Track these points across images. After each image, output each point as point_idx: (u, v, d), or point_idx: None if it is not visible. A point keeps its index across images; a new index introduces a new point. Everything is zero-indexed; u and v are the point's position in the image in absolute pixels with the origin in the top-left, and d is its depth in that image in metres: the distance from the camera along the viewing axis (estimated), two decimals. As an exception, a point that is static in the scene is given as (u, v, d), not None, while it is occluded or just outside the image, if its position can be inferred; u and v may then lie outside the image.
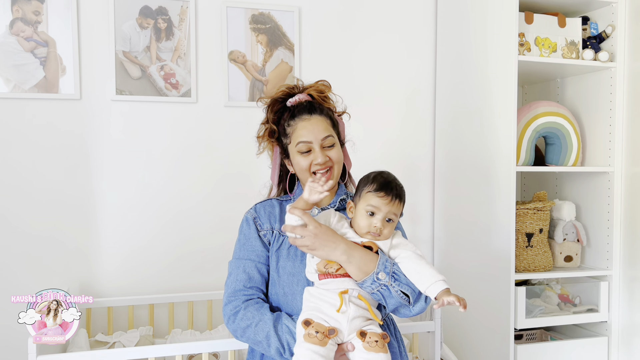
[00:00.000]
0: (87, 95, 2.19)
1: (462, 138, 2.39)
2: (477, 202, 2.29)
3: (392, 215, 1.30)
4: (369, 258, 1.26)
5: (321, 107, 1.42)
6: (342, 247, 1.25)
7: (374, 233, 1.29)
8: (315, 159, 1.37)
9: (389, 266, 1.26)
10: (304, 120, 1.39)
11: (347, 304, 1.23)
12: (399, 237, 1.34)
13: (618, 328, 2.23)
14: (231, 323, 1.33)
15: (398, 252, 1.30)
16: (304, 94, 1.43)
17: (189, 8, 2.26)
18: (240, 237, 1.42)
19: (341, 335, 1.23)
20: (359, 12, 2.50)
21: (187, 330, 2.16)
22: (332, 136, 1.40)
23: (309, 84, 1.47)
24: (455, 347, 2.41)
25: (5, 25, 2.09)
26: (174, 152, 2.29)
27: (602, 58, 2.20)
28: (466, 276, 2.34)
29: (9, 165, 2.12)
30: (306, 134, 1.37)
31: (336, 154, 1.40)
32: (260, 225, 1.41)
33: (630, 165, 2.19)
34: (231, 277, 1.38)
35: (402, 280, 1.26)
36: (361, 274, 1.25)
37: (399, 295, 1.25)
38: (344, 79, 2.48)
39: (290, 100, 1.43)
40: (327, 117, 1.42)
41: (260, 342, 1.29)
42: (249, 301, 1.34)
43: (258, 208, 1.45)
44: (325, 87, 1.48)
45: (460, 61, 2.41)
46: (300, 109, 1.41)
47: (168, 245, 2.29)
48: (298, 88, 1.46)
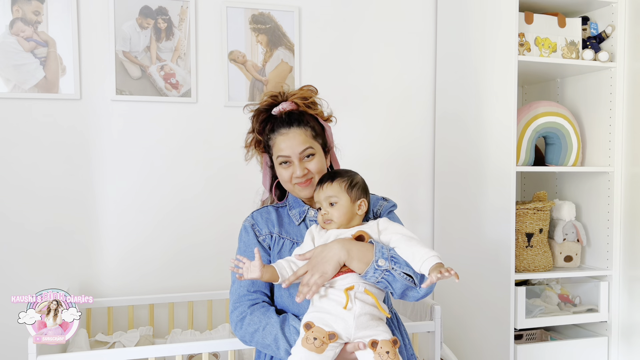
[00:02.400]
0: (87, 95, 2.19)
1: (462, 138, 2.39)
2: (477, 202, 2.29)
3: (330, 199, 1.33)
4: (365, 249, 1.27)
5: (300, 118, 1.40)
6: (338, 247, 1.26)
7: (326, 220, 1.33)
8: (294, 172, 1.38)
9: (386, 252, 1.27)
10: (282, 134, 1.38)
11: (352, 301, 1.24)
12: (384, 222, 1.35)
13: (618, 328, 2.23)
14: (239, 329, 1.35)
15: (389, 236, 1.31)
16: (289, 102, 1.41)
17: (189, 8, 2.26)
18: (241, 245, 1.43)
19: (347, 333, 1.22)
20: (359, 12, 2.50)
21: (187, 330, 2.16)
22: (311, 147, 1.39)
23: (294, 90, 1.45)
24: (455, 347, 2.41)
25: (5, 25, 2.09)
26: (174, 152, 2.29)
27: (602, 58, 2.20)
28: (466, 276, 2.34)
29: (9, 165, 2.12)
30: (284, 148, 1.37)
31: (316, 164, 1.39)
32: (258, 231, 1.42)
33: (630, 165, 2.19)
34: (235, 284, 1.39)
35: (402, 262, 1.27)
36: (362, 265, 1.25)
37: (403, 278, 1.25)
38: (344, 78, 2.49)
39: (274, 110, 1.42)
40: (306, 128, 1.40)
41: (269, 345, 1.31)
42: (255, 305, 1.35)
43: (255, 215, 1.46)
44: (312, 92, 1.45)
45: (460, 61, 2.41)
46: (279, 122, 1.40)
47: (168, 245, 2.29)
48: (282, 96, 1.44)
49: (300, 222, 1.43)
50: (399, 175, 2.58)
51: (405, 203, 2.56)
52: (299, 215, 1.43)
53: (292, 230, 1.43)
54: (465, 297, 2.37)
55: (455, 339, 2.44)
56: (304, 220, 1.43)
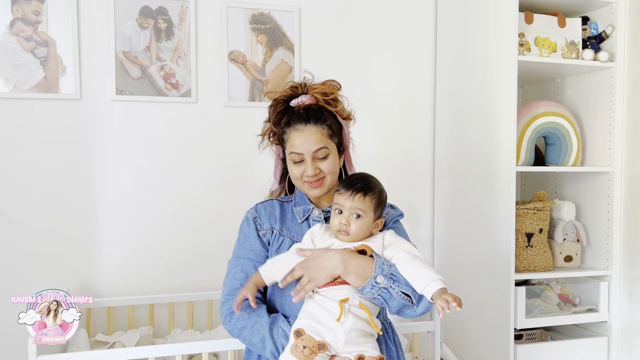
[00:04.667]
0: (87, 95, 2.19)
1: (462, 138, 2.39)
2: (477, 202, 2.29)
3: (357, 211, 1.27)
4: (365, 263, 1.24)
5: (318, 114, 1.36)
6: (336, 259, 1.24)
7: (342, 231, 1.28)
8: (305, 170, 1.35)
9: (386, 268, 1.24)
10: (297, 130, 1.35)
11: (346, 315, 1.22)
12: (391, 236, 1.31)
13: (618, 328, 2.23)
14: (227, 322, 1.33)
15: (392, 253, 1.28)
16: (308, 96, 1.38)
17: (189, 8, 2.26)
18: (240, 237, 1.42)
19: (336, 346, 1.21)
20: (359, 12, 2.50)
21: (187, 330, 2.16)
22: (326, 147, 1.35)
23: (316, 84, 1.41)
24: (455, 347, 2.41)
25: (5, 25, 2.09)
26: (174, 152, 2.29)
27: (602, 58, 2.20)
28: (466, 276, 2.34)
29: (10, 165, 2.12)
30: (298, 145, 1.34)
31: (329, 165, 1.36)
32: (260, 225, 1.40)
33: (630, 165, 2.19)
34: (229, 275, 1.38)
35: (402, 281, 1.24)
36: (360, 280, 1.23)
37: (400, 297, 1.23)
38: (344, 78, 2.46)
39: (293, 102, 1.39)
40: (323, 126, 1.36)
41: (255, 344, 1.30)
42: (247, 301, 1.33)
43: (259, 208, 1.44)
44: (335, 87, 1.42)
45: (460, 61, 2.41)
46: (296, 118, 1.36)
47: (168, 244, 2.29)
48: (303, 87, 1.40)
49: (303, 220, 1.41)
50: (399, 175, 2.58)
51: (405, 203, 2.56)
52: (303, 213, 1.41)
53: (294, 228, 1.41)
54: (465, 297, 2.35)
55: (455, 339, 2.44)
56: (307, 219, 1.41)
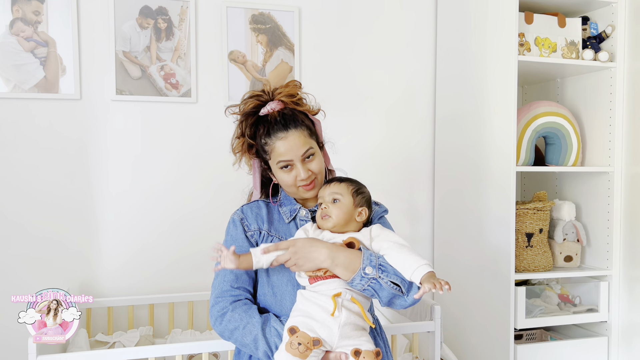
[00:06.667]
0: (87, 95, 2.19)
1: (462, 138, 2.39)
2: (477, 202, 2.29)
3: (334, 195, 1.32)
4: (353, 256, 1.26)
5: (294, 118, 1.35)
6: (324, 253, 1.25)
7: (324, 216, 1.32)
8: (298, 175, 1.35)
9: (374, 259, 1.26)
10: (280, 139, 1.34)
11: (340, 309, 1.23)
12: (377, 229, 1.34)
13: (618, 328, 2.23)
14: (218, 325, 1.32)
15: (380, 244, 1.30)
16: (276, 102, 1.38)
17: (189, 8, 2.26)
18: (227, 239, 1.41)
19: (331, 341, 1.21)
20: (359, 12, 2.50)
21: (187, 330, 2.16)
22: (311, 147, 1.36)
23: (278, 87, 1.40)
24: (455, 347, 2.41)
25: (5, 25, 2.09)
26: (174, 152, 2.29)
27: (602, 58, 2.20)
28: (466, 276, 2.34)
29: (10, 165, 2.12)
30: (285, 152, 1.34)
31: (317, 164, 1.37)
32: (247, 226, 1.40)
33: (630, 165, 2.19)
34: (218, 278, 1.37)
35: (390, 270, 1.25)
36: (348, 272, 1.24)
37: (390, 286, 1.25)
38: (344, 78, 2.49)
39: (262, 110, 1.38)
40: (303, 128, 1.36)
41: (248, 344, 1.29)
42: (237, 302, 1.32)
43: (245, 209, 1.43)
44: (296, 87, 1.41)
45: (460, 61, 2.41)
46: (275, 126, 1.35)
47: (168, 244, 2.29)
48: (267, 94, 1.40)
49: (291, 220, 1.41)
50: (399, 176, 2.58)
51: (405, 203, 2.56)
52: (290, 213, 1.41)
53: (282, 228, 1.40)
54: (465, 297, 2.37)
55: (455, 339, 2.44)
56: (294, 219, 1.41)
